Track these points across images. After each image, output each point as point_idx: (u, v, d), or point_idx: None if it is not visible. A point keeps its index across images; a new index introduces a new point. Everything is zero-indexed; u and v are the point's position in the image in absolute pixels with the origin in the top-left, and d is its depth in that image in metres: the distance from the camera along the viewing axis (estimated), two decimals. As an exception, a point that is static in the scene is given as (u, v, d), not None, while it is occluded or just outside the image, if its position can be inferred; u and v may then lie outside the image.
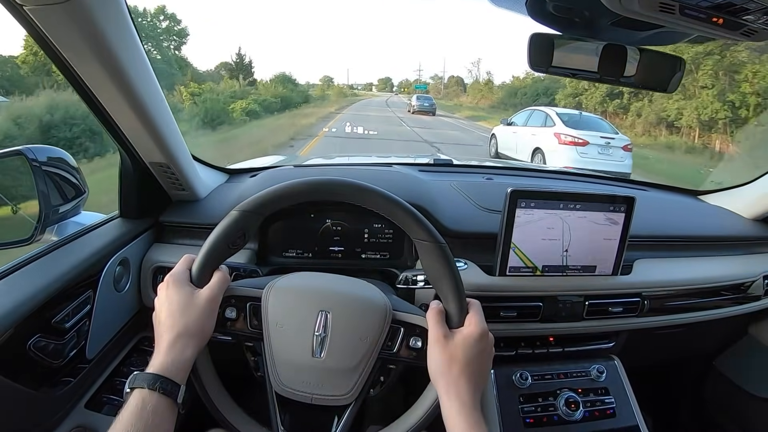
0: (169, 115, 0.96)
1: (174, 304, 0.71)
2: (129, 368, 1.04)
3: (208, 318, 0.72)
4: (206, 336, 0.72)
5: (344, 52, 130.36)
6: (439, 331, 0.72)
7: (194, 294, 0.72)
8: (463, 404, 0.67)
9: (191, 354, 0.69)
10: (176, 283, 0.72)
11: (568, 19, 0.89)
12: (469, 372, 0.69)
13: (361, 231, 1.16)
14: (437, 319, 0.73)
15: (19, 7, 0.65)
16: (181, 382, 0.66)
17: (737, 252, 1.41)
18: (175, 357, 0.67)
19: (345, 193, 0.76)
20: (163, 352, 0.67)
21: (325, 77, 68.66)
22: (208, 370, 0.77)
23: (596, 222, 1.07)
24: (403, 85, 76.20)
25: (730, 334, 1.54)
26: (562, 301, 1.11)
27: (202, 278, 0.74)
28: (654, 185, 1.73)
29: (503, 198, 1.04)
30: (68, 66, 0.76)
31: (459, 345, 0.71)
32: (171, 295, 0.71)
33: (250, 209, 0.75)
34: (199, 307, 0.71)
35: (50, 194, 0.91)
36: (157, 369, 0.65)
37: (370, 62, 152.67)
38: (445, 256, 0.74)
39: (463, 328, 0.73)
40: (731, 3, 0.61)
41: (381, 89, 75.95)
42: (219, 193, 1.27)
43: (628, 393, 1.15)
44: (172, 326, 0.69)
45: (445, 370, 0.70)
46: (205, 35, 18.24)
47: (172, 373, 0.65)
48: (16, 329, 0.73)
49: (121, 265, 1.01)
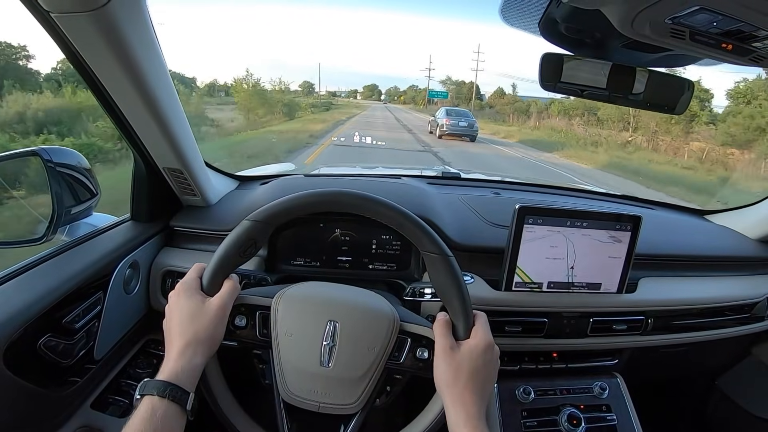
0: (185, 122, 0.98)
1: (184, 312, 0.72)
2: (135, 370, 1.05)
3: (217, 326, 0.73)
4: (216, 343, 0.73)
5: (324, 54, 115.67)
6: (446, 343, 0.73)
7: (204, 302, 0.73)
8: (469, 415, 0.68)
9: (201, 361, 0.70)
10: (187, 291, 0.74)
11: (579, 40, 0.91)
12: (474, 383, 0.70)
13: (369, 242, 1.17)
14: (444, 331, 0.74)
15: (45, 13, 0.67)
16: (191, 390, 0.67)
17: (742, 273, 1.41)
18: (184, 364, 0.68)
19: (355, 205, 0.78)
20: (173, 359, 0.68)
21: (306, 83, 54.44)
22: (216, 377, 0.78)
23: (600, 240, 1.08)
24: (392, 93, 65.47)
25: (733, 354, 1.54)
26: (567, 318, 1.11)
27: (212, 286, 0.75)
28: (660, 204, 1.73)
29: (510, 213, 1.05)
30: (89, 71, 0.78)
31: (465, 356, 0.72)
32: (182, 303, 0.73)
33: (261, 219, 0.76)
34: (209, 315, 0.72)
35: (63, 195, 0.93)
36: (166, 376, 0.66)
37: (356, 65, 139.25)
38: (453, 268, 0.75)
39: (470, 339, 0.74)
40: (740, 30, 0.62)
41: (366, 97, 64.35)
42: (229, 199, 1.28)
43: (630, 410, 1.15)
44: (182, 334, 0.70)
45: (451, 382, 0.70)
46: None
47: (181, 381, 0.66)
48: (27, 328, 0.74)
49: (131, 268, 1.02)
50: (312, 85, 55.08)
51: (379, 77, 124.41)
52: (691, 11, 0.58)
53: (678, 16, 0.60)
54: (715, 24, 0.61)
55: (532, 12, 0.88)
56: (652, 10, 0.60)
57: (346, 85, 77.34)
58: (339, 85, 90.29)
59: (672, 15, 0.61)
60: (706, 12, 0.58)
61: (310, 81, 55.59)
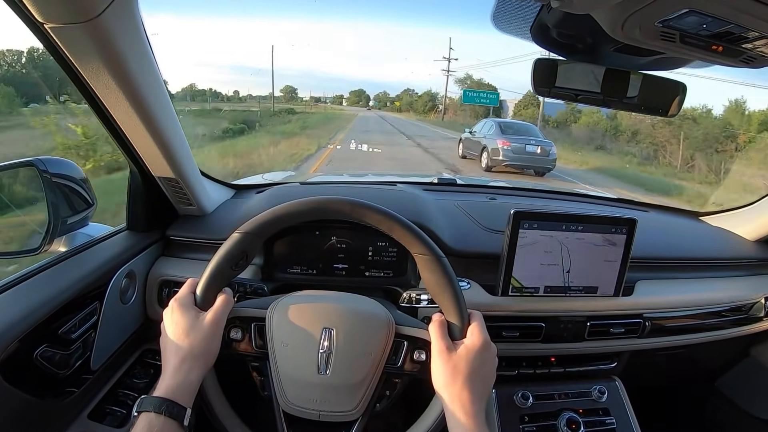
0: (180, 132, 0.98)
1: (179, 328, 0.72)
2: (132, 380, 1.05)
3: (212, 340, 0.73)
4: (212, 358, 0.73)
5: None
6: (442, 343, 0.73)
7: (198, 317, 0.73)
8: (468, 414, 0.68)
9: (197, 376, 0.70)
10: (181, 307, 0.74)
11: (571, 45, 0.91)
12: (472, 383, 0.70)
13: (365, 249, 1.17)
14: (440, 332, 0.74)
15: (39, 25, 0.67)
16: (188, 405, 0.67)
17: (739, 273, 1.41)
18: (180, 380, 0.68)
19: (343, 211, 0.78)
20: (170, 375, 0.69)
21: (288, 87, 46.75)
22: (215, 391, 0.78)
23: (595, 244, 1.08)
24: (382, 98, 53.67)
25: (731, 356, 1.54)
26: (564, 322, 1.11)
27: (206, 301, 0.75)
28: (655, 206, 1.74)
29: (505, 218, 1.05)
30: (84, 82, 0.78)
31: (462, 356, 0.72)
32: (176, 319, 0.73)
33: (251, 231, 0.76)
34: (204, 329, 0.72)
35: (59, 205, 0.93)
36: (163, 392, 0.66)
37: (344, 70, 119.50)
38: (445, 268, 0.76)
39: (466, 339, 0.74)
40: (730, 32, 0.63)
41: (353, 103, 54.31)
42: (225, 208, 1.29)
43: (629, 414, 1.15)
44: (177, 349, 0.71)
45: (449, 382, 0.71)
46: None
47: (177, 397, 0.66)
48: (24, 339, 0.74)
49: (127, 278, 1.02)
50: (295, 89, 47.71)
51: (367, 83, 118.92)
52: (681, 14, 0.59)
53: (668, 19, 0.61)
54: (705, 26, 0.62)
55: (523, 18, 0.89)
56: (641, 13, 0.61)
57: (333, 91, 69.20)
58: (325, 91, 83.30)
59: (661, 18, 0.61)
60: (696, 14, 0.59)
61: (293, 86, 47.85)
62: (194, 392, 0.70)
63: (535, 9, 0.84)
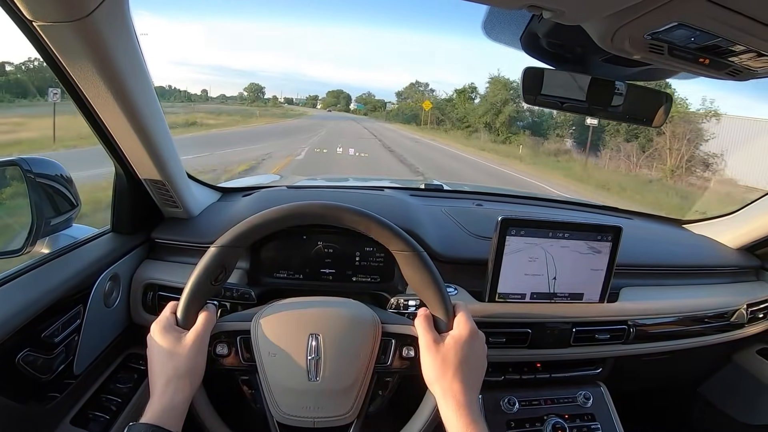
0: (168, 134, 0.97)
1: (162, 350, 0.71)
2: (116, 385, 1.03)
3: (196, 358, 0.72)
4: (198, 376, 0.72)
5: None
6: (430, 337, 0.74)
7: (180, 337, 0.72)
8: (460, 404, 0.68)
9: (183, 397, 0.69)
10: (162, 330, 0.73)
11: (560, 55, 0.93)
12: (462, 373, 0.71)
13: (352, 254, 1.17)
14: (426, 325, 0.75)
15: (28, 23, 0.66)
16: (175, 429, 0.66)
17: (721, 281, 1.44)
18: (166, 403, 0.67)
19: (320, 215, 0.78)
20: (156, 399, 0.68)
21: (253, 86, 42.69)
22: (206, 408, 0.76)
23: (580, 252, 1.09)
24: (367, 100, 42.77)
25: (714, 361, 1.56)
26: (550, 328, 1.12)
27: (187, 320, 0.75)
28: (639, 214, 1.76)
29: (492, 225, 1.06)
30: (72, 81, 0.77)
31: (450, 348, 0.72)
32: (158, 342, 0.72)
33: (227, 244, 0.76)
34: (186, 348, 0.71)
35: (43, 206, 0.91)
36: (149, 418, 0.65)
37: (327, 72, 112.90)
38: (425, 262, 0.76)
39: (453, 330, 0.75)
40: (717, 45, 0.64)
41: (328, 105, 47.72)
42: (211, 211, 1.27)
43: (614, 419, 1.16)
44: (162, 372, 0.70)
45: (439, 374, 0.71)
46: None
47: (165, 421, 0.65)
48: (5, 342, 0.73)
49: (111, 281, 1.01)
50: (262, 88, 43.66)
51: (351, 86, 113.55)
52: (670, 27, 0.60)
53: (657, 32, 0.62)
54: (693, 39, 0.63)
55: (514, 27, 0.90)
56: (631, 26, 0.62)
57: (311, 92, 62.62)
58: (298, 93, 76.33)
59: (651, 31, 0.62)
60: (684, 28, 0.60)
61: (259, 84, 43.15)
62: (182, 415, 0.69)
63: (526, 19, 0.85)
